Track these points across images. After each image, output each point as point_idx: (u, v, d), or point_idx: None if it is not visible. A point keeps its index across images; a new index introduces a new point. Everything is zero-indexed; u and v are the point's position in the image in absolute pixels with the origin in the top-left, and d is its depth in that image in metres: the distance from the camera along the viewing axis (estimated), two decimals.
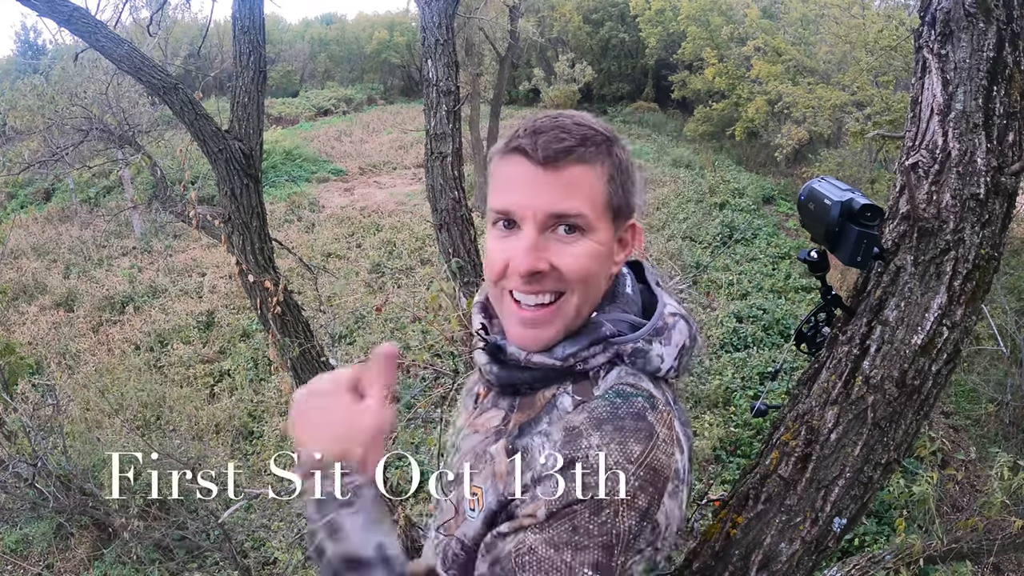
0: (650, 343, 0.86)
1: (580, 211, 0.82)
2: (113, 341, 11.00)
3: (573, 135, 0.82)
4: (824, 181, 1.13)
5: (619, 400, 0.80)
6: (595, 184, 0.83)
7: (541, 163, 0.81)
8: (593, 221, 0.83)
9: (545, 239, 0.83)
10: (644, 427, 0.77)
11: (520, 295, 0.85)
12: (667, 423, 0.80)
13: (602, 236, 0.84)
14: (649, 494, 0.75)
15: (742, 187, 15.78)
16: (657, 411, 0.80)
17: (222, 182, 2.93)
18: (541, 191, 0.82)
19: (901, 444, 1.10)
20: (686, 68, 21.10)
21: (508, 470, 0.84)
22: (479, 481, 0.88)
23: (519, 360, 0.88)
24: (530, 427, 0.86)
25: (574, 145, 0.81)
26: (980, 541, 2.75)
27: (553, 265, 0.83)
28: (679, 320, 0.91)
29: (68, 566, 6.51)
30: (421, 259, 12.90)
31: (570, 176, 0.81)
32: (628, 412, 0.78)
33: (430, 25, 2.71)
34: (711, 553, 1.16)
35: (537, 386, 0.89)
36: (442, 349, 6.73)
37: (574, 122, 0.83)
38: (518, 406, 0.90)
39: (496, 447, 0.88)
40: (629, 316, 0.89)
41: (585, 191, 0.82)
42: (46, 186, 18.27)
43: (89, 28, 2.74)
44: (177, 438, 7.03)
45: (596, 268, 0.85)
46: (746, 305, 10.20)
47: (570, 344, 0.86)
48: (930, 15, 1.09)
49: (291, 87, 29.04)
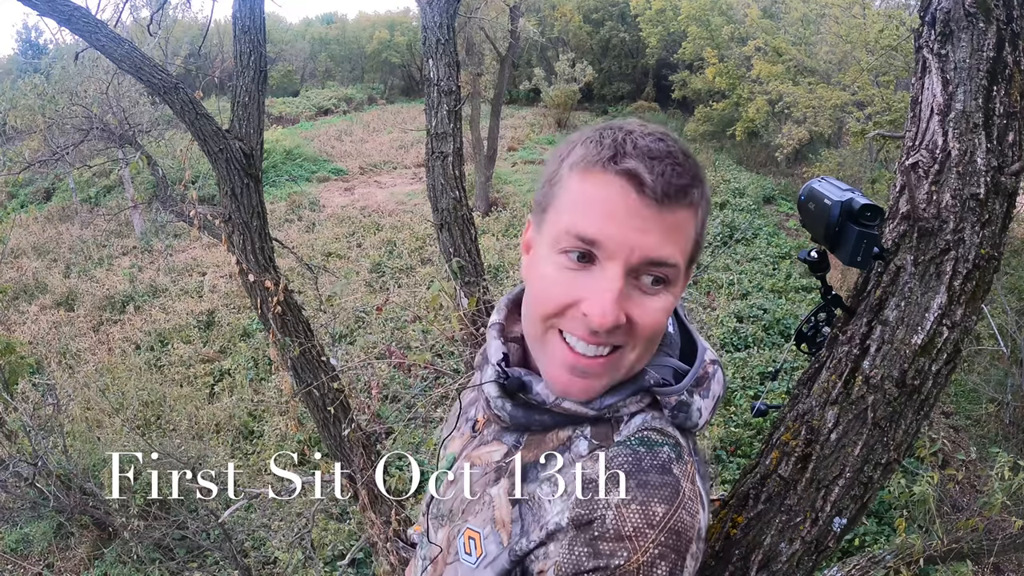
0: (692, 395, 0.77)
1: (677, 261, 0.70)
2: (113, 340, 11.01)
3: (687, 170, 0.69)
4: (824, 181, 1.12)
5: (643, 449, 0.71)
6: (691, 230, 0.71)
7: (657, 199, 0.67)
8: (682, 272, 0.72)
9: (628, 286, 0.70)
10: (669, 483, 0.68)
11: (575, 340, 0.73)
12: (691, 476, 0.72)
13: (681, 288, 0.74)
14: (671, 561, 0.66)
15: (742, 187, 15.79)
16: (683, 462, 0.72)
17: (222, 182, 2.93)
18: (648, 230, 0.68)
19: (901, 444, 1.10)
20: (687, 68, 21.10)
21: (512, 519, 0.76)
22: (476, 524, 0.80)
23: (544, 402, 0.77)
24: (536, 470, 0.77)
25: (689, 184, 0.69)
26: (980, 541, 2.76)
27: (630, 319, 0.71)
28: (718, 369, 0.82)
29: (68, 565, 6.52)
30: (421, 259, 12.91)
31: (677, 219, 0.69)
32: (653, 464, 0.70)
33: (431, 25, 2.71)
34: (711, 553, 1.16)
35: (551, 426, 0.80)
36: (442, 349, 6.73)
37: (681, 149, 0.70)
38: (524, 443, 0.81)
39: (497, 489, 0.79)
40: (672, 361, 0.80)
41: (685, 237, 0.71)
42: (46, 185, 18.29)
43: (89, 27, 2.74)
44: (177, 438, 7.03)
45: (665, 324, 0.75)
46: (746, 305, 10.21)
47: (611, 395, 0.76)
48: (930, 15, 1.09)
49: (292, 87, 29.05)
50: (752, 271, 11.69)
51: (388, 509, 2.94)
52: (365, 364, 3.43)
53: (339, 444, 3.14)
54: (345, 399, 3.12)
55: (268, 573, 6.11)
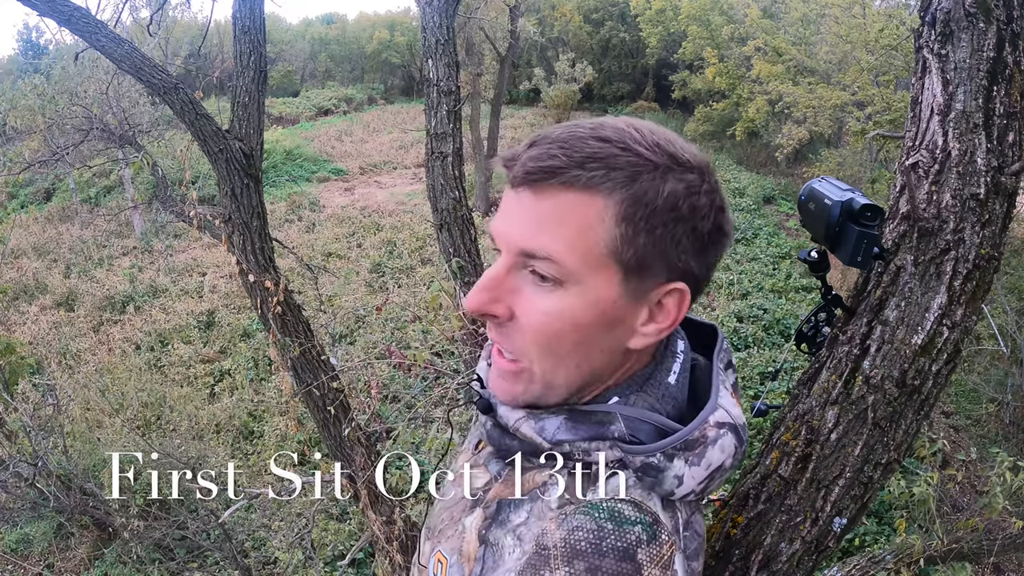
0: (671, 459, 0.66)
1: (549, 253, 0.62)
2: (113, 341, 11.02)
3: (573, 151, 0.61)
4: (824, 181, 1.12)
5: (609, 526, 0.62)
6: (591, 222, 0.61)
7: (516, 183, 0.64)
8: (573, 270, 0.62)
9: (519, 280, 0.66)
10: (626, 571, 0.60)
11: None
12: (663, 562, 0.62)
13: (596, 295, 0.64)
14: None
15: (743, 187, 15.80)
16: (653, 546, 0.62)
17: (222, 182, 2.94)
18: (516, 218, 0.64)
19: (901, 444, 1.10)
20: (687, 68, 21.11)
21: (476, 557, 0.71)
22: (446, 548, 0.76)
23: (507, 426, 0.73)
24: (507, 511, 0.71)
25: (563, 166, 0.61)
26: (980, 541, 2.76)
27: (515, 314, 0.66)
28: (725, 434, 0.69)
29: (68, 566, 6.52)
30: (421, 259, 12.92)
31: (553, 206, 0.62)
32: (613, 546, 0.61)
33: (431, 25, 2.71)
34: (711, 553, 1.16)
35: (529, 460, 0.74)
36: (443, 349, 6.73)
37: (594, 134, 0.62)
38: (504, 478, 0.75)
39: (470, 520, 0.75)
40: (656, 417, 0.69)
41: (571, 228, 0.62)
42: (47, 186, 18.31)
43: (89, 28, 2.74)
44: (177, 438, 7.03)
45: (581, 334, 0.65)
46: (746, 305, 10.21)
47: (565, 429, 0.69)
48: (930, 15, 1.09)
49: (292, 87, 29.07)
50: (752, 271, 11.69)
51: (389, 509, 2.94)
52: (365, 364, 3.43)
53: (339, 444, 3.14)
54: (345, 399, 3.12)
55: (268, 573, 6.11)
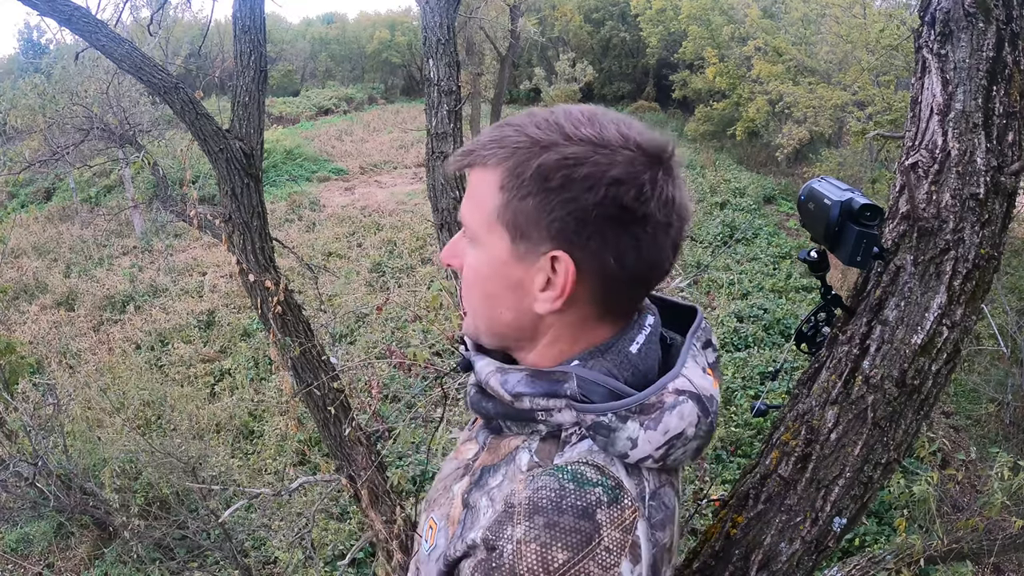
0: (624, 421, 0.69)
1: (463, 218, 0.77)
2: (114, 340, 11.02)
3: (487, 138, 0.73)
4: (824, 181, 1.13)
5: (571, 485, 0.66)
6: (486, 192, 0.72)
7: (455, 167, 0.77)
8: (477, 231, 0.74)
9: (466, 243, 0.79)
10: (582, 529, 0.63)
11: None
12: (625, 525, 0.65)
13: (491, 253, 0.74)
14: None
15: (743, 187, 15.79)
16: (615, 508, 0.65)
17: (223, 181, 2.94)
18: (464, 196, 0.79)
19: (901, 444, 1.10)
20: (687, 68, 21.11)
21: (459, 519, 0.76)
22: (437, 515, 0.82)
23: (482, 382, 0.79)
24: (488, 476, 0.76)
25: (473, 149, 0.73)
26: (980, 541, 2.76)
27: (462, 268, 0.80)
28: (685, 401, 0.71)
29: (69, 565, 6.52)
30: (422, 258, 12.92)
31: (472, 182, 0.75)
32: (573, 505, 0.64)
33: (431, 25, 2.71)
34: (711, 553, 1.16)
35: (507, 427, 0.79)
36: (443, 348, 6.74)
37: (512, 121, 0.73)
38: (488, 446, 0.81)
39: (457, 487, 0.81)
40: (610, 381, 0.72)
41: (475, 198, 0.74)
42: (47, 185, 18.31)
43: (90, 27, 2.74)
44: (178, 437, 7.03)
45: (485, 286, 0.76)
46: (747, 305, 10.21)
47: (525, 383, 0.74)
48: (930, 15, 1.09)
49: (292, 86, 29.06)
50: (752, 271, 11.69)
51: (389, 508, 2.95)
52: (365, 364, 3.43)
53: (339, 444, 3.14)
54: (345, 399, 3.13)
55: (268, 573, 6.12)
